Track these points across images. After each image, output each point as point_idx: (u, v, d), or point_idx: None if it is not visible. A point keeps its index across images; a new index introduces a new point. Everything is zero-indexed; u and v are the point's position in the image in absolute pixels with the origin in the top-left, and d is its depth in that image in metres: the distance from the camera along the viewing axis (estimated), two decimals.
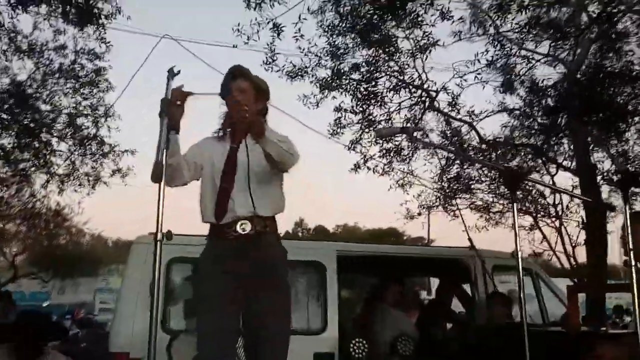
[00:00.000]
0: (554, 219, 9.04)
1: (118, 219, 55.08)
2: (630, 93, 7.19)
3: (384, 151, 9.02)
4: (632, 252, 2.31)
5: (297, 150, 2.62)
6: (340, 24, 7.58)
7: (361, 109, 8.29)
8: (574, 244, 8.71)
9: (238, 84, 2.71)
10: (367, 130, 8.61)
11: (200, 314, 2.66)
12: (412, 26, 7.41)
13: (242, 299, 2.57)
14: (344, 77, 7.85)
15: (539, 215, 9.21)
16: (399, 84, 8.08)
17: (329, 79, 8.01)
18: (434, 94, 8.29)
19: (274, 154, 2.46)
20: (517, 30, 7.75)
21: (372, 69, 7.92)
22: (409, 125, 8.09)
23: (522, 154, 8.90)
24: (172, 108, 2.45)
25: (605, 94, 6.83)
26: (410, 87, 8.12)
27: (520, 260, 2.45)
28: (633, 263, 2.26)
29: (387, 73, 8.05)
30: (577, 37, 7.54)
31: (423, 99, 8.37)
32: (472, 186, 9.41)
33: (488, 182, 9.29)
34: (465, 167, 9.03)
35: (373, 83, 8.04)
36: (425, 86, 8.19)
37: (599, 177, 8.13)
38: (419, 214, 10.45)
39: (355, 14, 7.47)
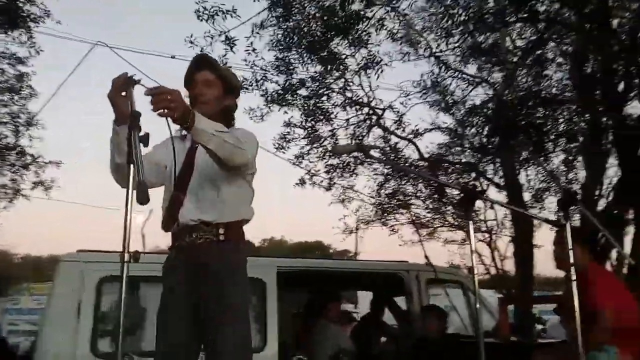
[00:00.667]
0: (485, 234, 9.48)
1: (39, 234, 51.92)
2: (555, 116, 7.69)
3: (330, 167, 9.09)
4: (572, 267, 2.43)
5: (252, 144, 2.33)
6: (287, 40, 7.60)
7: (310, 124, 8.31)
8: (502, 257, 9.20)
9: (203, 75, 2.43)
10: (314, 145, 8.63)
11: (156, 330, 2.42)
12: (358, 44, 7.53)
13: (195, 313, 2.32)
14: (291, 92, 7.85)
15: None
16: (346, 100, 8.18)
17: (275, 93, 7.99)
18: (380, 112, 8.49)
19: (213, 147, 2.12)
20: (447, 52, 8.10)
21: (318, 85, 7.98)
22: (364, 142, 8.22)
23: (458, 171, 9.25)
24: (117, 99, 2.11)
25: (533, 116, 7.28)
26: (357, 104, 8.25)
27: (475, 276, 2.50)
28: (574, 278, 2.38)
29: (334, 90, 8.15)
30: (509, 62, 7.98)
31: (370, 116, 8.53)
32: (409, 202, 9.70)
33: (424, 198, 9.61)
34: (403, 183, 9.32)
35: (321, 99, 8.09)
36: (373, 104, 8.39)
37: (528, 195, 8.72)
38: (357, 228, 10.66)
39: (302, 31, 7.53)
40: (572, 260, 2.43)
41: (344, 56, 7.69)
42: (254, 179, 2.50)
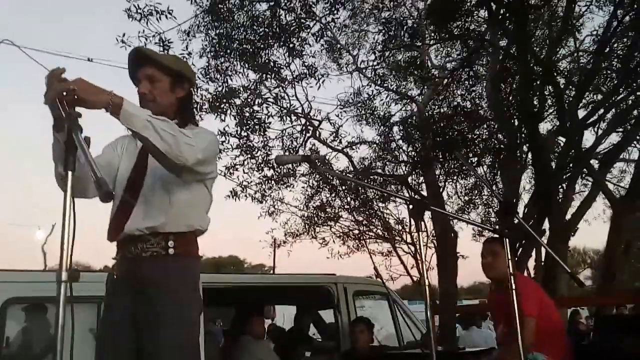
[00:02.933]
0: (410, 245, 9.66)
1: None
2: (474, 132, 8.04)
3: (264, 178, 8.86)
4: (512, 276, 2.42)
5: (204, 141, 2.01)
6: (218, 47, 7.41)
7: (245, 133, 8.01)
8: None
9: (144, 71, 2.14)
10: (248, 156, 8.34)
11: (96, 353, 2.14)
12: (294, 55, 7.47)
13: (138, 338, 2.02)
14: (225, 100, 7.62)
15: (395, 241, 9.77)
16: (282, 110, 8.02)
17: (206, 101, 7.74)
18: (316, 124, 8.41)
19: (150, 136, 1.82)
20: (376, 67, 8.27)
21: (252, 94, 7.81)
22: (299, 153, 8.06)
23: (391, 182, 9.37)
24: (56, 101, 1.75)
25: (456, 130, 7.56)
26: (294, 115, 8.12)
27: (427, 287, 2.38)
28: (514, 287, 2.37)
29: (268, 100, 7.96)
30: (431, 79, 8.26)
31: (307, 127, 8.45)
32: (338, 214, 9.69)
33: (350, 210, 9.65)
34: (332, 195, 9.31)
35: (254, 108, 7.90)
36: (308, 115, 8.30)
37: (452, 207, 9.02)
38: (284, 242, 10.48)
39: (233, 39, 7.39)
40: (511, 269, 2.40)
41: (279, 66, 7.60)
42: (211, 184, 2.21)
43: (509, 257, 2.44)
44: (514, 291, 2.35)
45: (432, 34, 7.49)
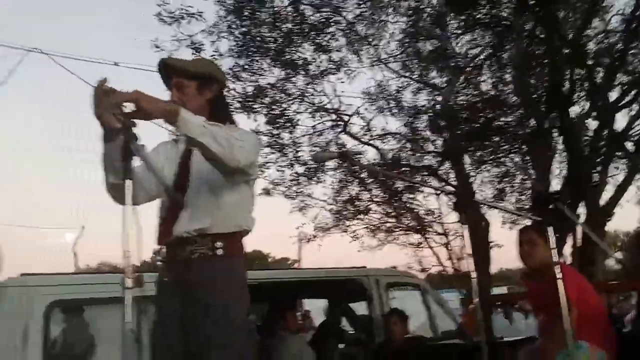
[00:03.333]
0: (441, 235, 9.59)
1: None
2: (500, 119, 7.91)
3: (296, 175, 8.86)
4: (557, 265, 2.36)
5: (250, 142, 2.05)
6: (245, 46, 7.46)
7: (276, 131, 8.04)
8: (459, 258, 9.32)
9: (173, 80, 2.19)
10: (279, 153, 8.36)
11: (151, 355, 2.22)
12: (322, 51, 7.47)
13: (185, 341, 2.03)
14: (253, 98, 7.67)
15: (426, 232, 9.70)
16: (314, 107, 8.03)
17: (236, 100, 7.80)
18: (346, 118, 8.37)
19: (206, 141, 1.85)
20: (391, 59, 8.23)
21: (281, 91, 7.83)
22: (344, 149, 8.05)
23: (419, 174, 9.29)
24: (105, 114, 1.79)
25: (484, 118, 7.44)
26: (324, 111, 8.09)
27: (474, 280, 2.40)
28: (559, 276, 2.33)
29: (294, 96, 7.94)
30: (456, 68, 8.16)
31: (337, 122, 8.42)
32: (368, 207, 9.65)
33: (379, 202, 9.59)
34: (360, 189, 9.26)
35: (285, 105, 7.91)
36: (337, 111, 8.28)
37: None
38: (315, 236, 10.49)
39: (260, 38, 7.42)
40: (554, 258, 2.36)
41: (307, 62, 7.58)
42: (254, 185, 2.24)
43: (553, 246, 2.40)
44: (559, 280, 2.30)
45: (458, 22, 7.35)
